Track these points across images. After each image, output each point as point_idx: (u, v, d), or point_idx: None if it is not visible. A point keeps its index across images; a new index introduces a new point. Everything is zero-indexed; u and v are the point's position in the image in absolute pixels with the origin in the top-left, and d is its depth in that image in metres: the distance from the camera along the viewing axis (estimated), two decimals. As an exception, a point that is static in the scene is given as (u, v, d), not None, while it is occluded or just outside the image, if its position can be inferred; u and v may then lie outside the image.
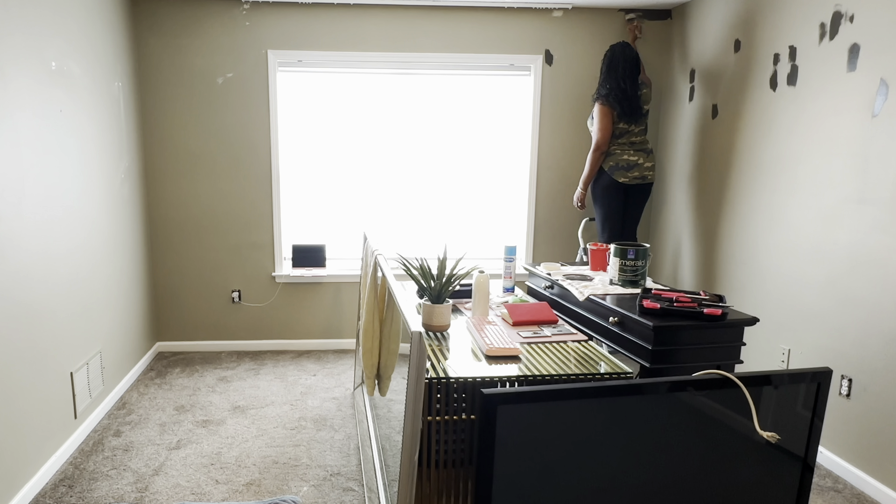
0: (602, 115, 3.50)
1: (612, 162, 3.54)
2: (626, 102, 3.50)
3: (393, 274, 2.82)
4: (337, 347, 4.32)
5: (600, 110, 3.51)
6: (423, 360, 1.37)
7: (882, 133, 2.46)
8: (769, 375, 1.28)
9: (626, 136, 3.54)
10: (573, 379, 1.78)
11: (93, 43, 3.14)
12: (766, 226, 3.14)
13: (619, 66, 3.51)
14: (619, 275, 2.71)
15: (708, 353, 2.26)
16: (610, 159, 3.55)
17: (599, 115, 3.51)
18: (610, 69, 3.53)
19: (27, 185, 2.48)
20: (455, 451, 1.74)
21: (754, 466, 1.32)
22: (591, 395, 1.17)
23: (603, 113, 3.50)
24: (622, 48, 3.53)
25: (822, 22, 2.75)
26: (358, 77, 4.06)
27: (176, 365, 3.94)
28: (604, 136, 3.50)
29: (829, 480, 2.65)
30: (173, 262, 4.10)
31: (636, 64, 3.53)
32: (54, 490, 2.51)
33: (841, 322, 2.67)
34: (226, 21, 3.87)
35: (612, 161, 3.54)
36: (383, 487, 2.44)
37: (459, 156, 4.22)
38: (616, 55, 3.52)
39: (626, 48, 3.53)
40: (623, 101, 3.50)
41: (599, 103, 3.52)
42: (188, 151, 3.99)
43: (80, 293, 2.96)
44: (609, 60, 3.54)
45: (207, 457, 2.78)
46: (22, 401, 2.42)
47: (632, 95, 3.51)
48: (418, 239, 4.31)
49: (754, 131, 3.23)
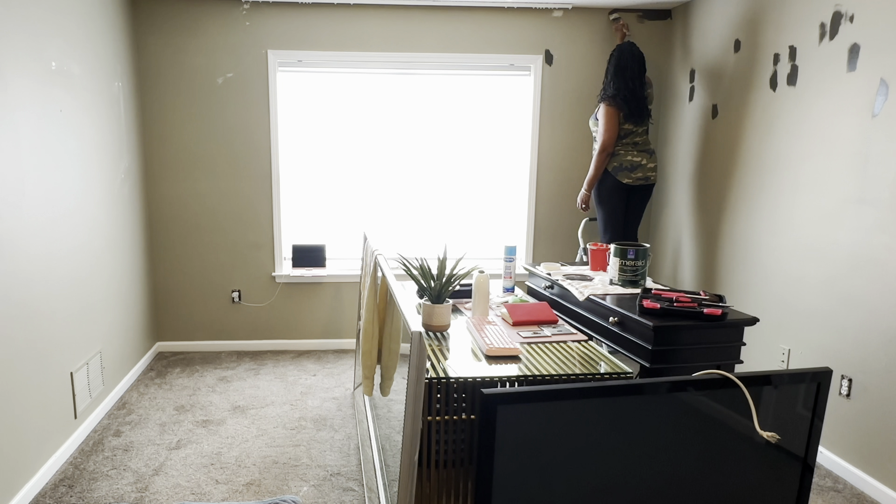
0: (609, 116, 3.47)
1: (616, 163, 3.51)
2: (634, 103, 3.49)
3: (393, 274, 2.82)
4: (337, 347, 4.32)
5: (607, 111, 3.48)
6: (423, 360, 1.37)
7: (882, 133, 2.46)
8: (769, 375, 1.28)
9: (630, 136, 3.53)
10: (573, 379, 1.78)
11: (93, 43, 3.14)
12: (766, 226, 3.14)
13: (629, 66, 3.48)
14: (619, 275, 2.71)
15: (708, 353, 2.26)
16: (614, 160, 3.52)
17: (606, 117, 3.48)
18: (618, 69, 3.50)
19: (27, 185, 2.48)
20: (455, 451, 1.74)
21: (754, 466, 1.32)
22: (591, 395, 1.17)
23: (610, 114, 3.47)
24: (630, 48, 3.51)
25: (822, 22, 2.75)
26: (358, 77, 4.06)
27: (176, 365, 3.94)
28: (610, 137, 3.47)
29: (829, 480, 2.65)
30: (173, 262, 4.10)
31: (643, 64, 3.53)
32: (54, 490, 2.51)
33: (841, 322, 2.67)
34: (226, 21, 3.87)
35: (616, 162, 3.52)
36: (383, 487, 2.44)
37: (459, 156, 4.22)
38: (625, 55, 3.50)
39: (633, 47, 3.52)
40: (631, 101, 3.48)
41: (606, 104, 3.49)
42: (188, 151, 3.99)
43: (81, 293, 2.96)
44: (617, 60, 3.52)
45: (207, 457, 2.78)
46: (22, 401, 2.42)
47: (640, 96, 3.51)
48: (418, 239, 4.31)
49: (754, 131, 3.22)
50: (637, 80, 3.49)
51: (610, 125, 3.47)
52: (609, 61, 3.58)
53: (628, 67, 3.48)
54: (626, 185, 3.52)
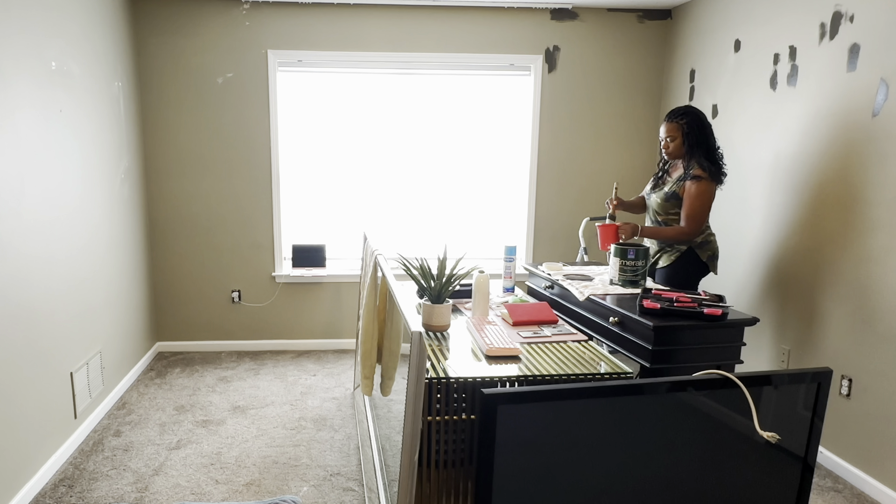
0: (711, 196, 2.77)
1: (710, 252, 2.87)
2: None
3: (393, 274, 2.82)
4: (337, 347, 4.32)
5: (709, 189, 2.76)
6: (423, 360, 1.37)
7: (882, 133, 2.45)
8: (769, 375, 1.28)
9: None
10: (573, 379, 1.78)
11: (93, 43, 3.14)
12: (765, 225, 3.14)
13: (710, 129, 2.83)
14: (620, 275, 2.71)
15: (708, 353, 2.26)
16: (707, 248, 2.87)
17: (707, 196, 2.76)
18: (708, 133, 2.80)
19: (27, 185, 2.48)
20: (455, 451, 1.74)
21: (754, 466, 1.32)
22: (591, 395, 1.17)
23: (712, 194, 2.77)
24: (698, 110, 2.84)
25: (822, 22, 2.75)
26: (358, 77, 4.06)
27: (176, 365, 3.94)
28: (702, 222, 2.80)
29: (829, 480, 2.65)
30: (173, 262, 4.10)
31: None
32: (54, 490, 2.51)
33: (841, 322, 2.67)
34: (226, 21, 3.87)
35: (710, 251, 2.87)
36: (383, 487, 2.44)
37: (459, 156, 4.22)
38: (703, 116, 2.82)
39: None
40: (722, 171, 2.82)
41: (709, 181, 2.75)
42: (188, 151, 3.99)
43: (80, 293, 2.96)
44: (702, 123, 2.80)
45: (207, 457, 2.78)
46: (22, 401, 2.42)
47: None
48: (418, 239, 4.31)
49: (754, 131, 3.22)
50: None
51: (708, 207, 2.78)
52: (688, 125, 2.79)
53: (711, 130, 2.83)
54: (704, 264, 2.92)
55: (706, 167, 2.75)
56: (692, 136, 2.78)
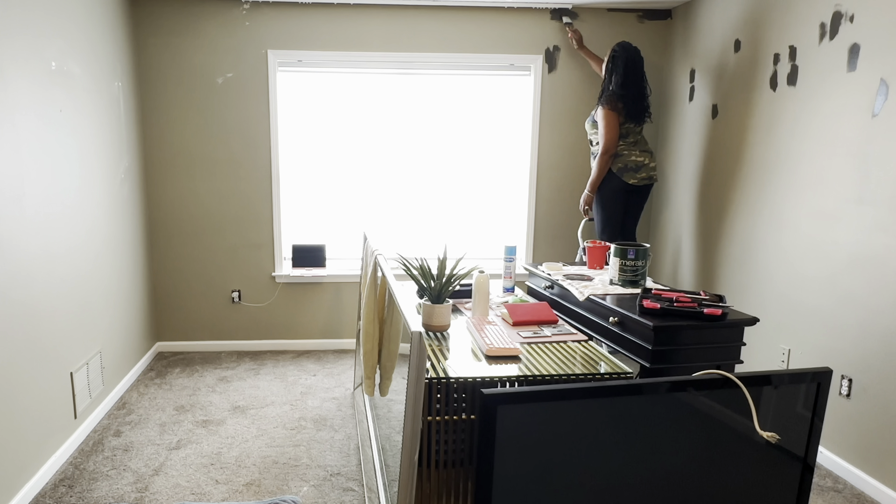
0: (610, 118, 3.42)
1: (621, 164, 3.46)
2: (640, 102, 3.45)
3: (393, 274, 2.82)
4: (337, 347, 4.32)
5: (607, 114, 3.42)
6: (423, 360, 1.37)
7: (882, 133, 2.45)
8: (769, 375, 1.28)
9: (630, 136, 3.50)
10: (573, 379, 1.78)
11: (93, 43, 3.14)
12: (766, 226, 3.14)
13: (634, 67, 3.43)
14: (619, 275, 2.71)
15: (708, 353, 2.26)
16: (618, 161, 3.47)
17: (607, 119, 3.42)
18: (628, 68, 3.43)
19: (27, 185, 2.48)
20: (455, 451, 1.74)
21: (754, 466, 1.32)
22: (591, 395, 1.17)
23: (611, 116, 3.42)
24: (634, 49, 3.45)
25: (822, 22, 2.75)
26: (358, 77, 4.06)
27: (176, 365, 3.94)
28: (612, 139, 3.42)
29: (829, 480, 2.65)
30: (173, 262, 4.10)
31: (642, 64, 3.51)
32: (54, 490, 2.51)
33: (841, 322, 2.67)
34: (226, 21, 3.87)
35: (621, 163, 3.46)
36: (383, 487, 2.44)
37: (459, 155, 4.22)
38: (630, 55, 3.43)
39: (635, 48, 3.47)
40: (638, 101, 3.43)
41: (608, 107, 3.42)
42: (188, 151, 3.99)
43: (80, 293, 2.96)
44: (624, 62, 3.43)
45: (207, 457, 2.78)
46: (22, 401, 2.42)
47: (645, 95, 3.48)
48: (418, 239, 4.31)
49: (754, 131, 3.22)
50: (643, 80, 3.47)
51: (611, 127, 3.41)
52: (611, 61, 3.48)
53: (635, 68, 3.43)
54: (631, 185, 3.49)
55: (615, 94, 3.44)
56: (610, 66, 3.50)
